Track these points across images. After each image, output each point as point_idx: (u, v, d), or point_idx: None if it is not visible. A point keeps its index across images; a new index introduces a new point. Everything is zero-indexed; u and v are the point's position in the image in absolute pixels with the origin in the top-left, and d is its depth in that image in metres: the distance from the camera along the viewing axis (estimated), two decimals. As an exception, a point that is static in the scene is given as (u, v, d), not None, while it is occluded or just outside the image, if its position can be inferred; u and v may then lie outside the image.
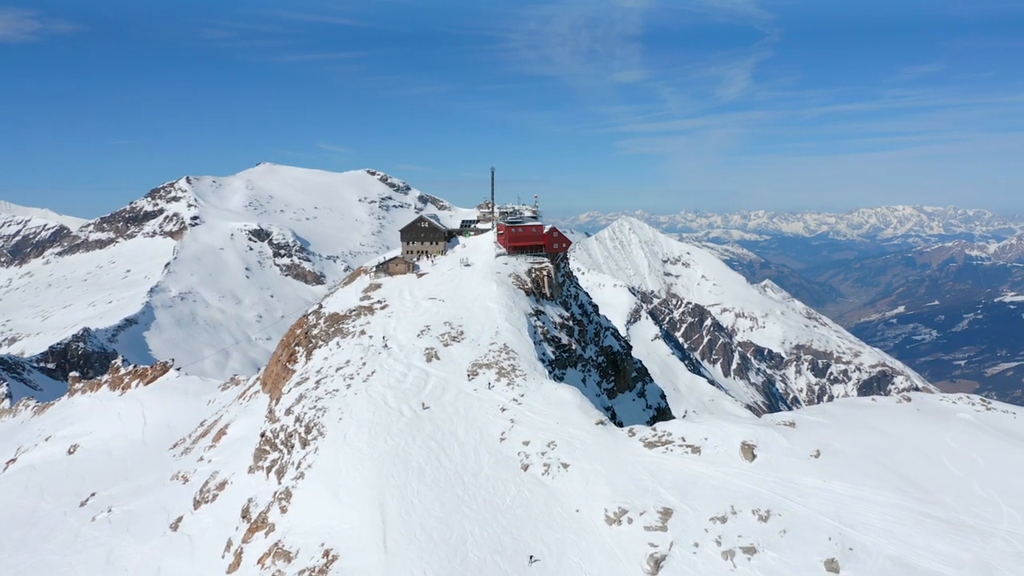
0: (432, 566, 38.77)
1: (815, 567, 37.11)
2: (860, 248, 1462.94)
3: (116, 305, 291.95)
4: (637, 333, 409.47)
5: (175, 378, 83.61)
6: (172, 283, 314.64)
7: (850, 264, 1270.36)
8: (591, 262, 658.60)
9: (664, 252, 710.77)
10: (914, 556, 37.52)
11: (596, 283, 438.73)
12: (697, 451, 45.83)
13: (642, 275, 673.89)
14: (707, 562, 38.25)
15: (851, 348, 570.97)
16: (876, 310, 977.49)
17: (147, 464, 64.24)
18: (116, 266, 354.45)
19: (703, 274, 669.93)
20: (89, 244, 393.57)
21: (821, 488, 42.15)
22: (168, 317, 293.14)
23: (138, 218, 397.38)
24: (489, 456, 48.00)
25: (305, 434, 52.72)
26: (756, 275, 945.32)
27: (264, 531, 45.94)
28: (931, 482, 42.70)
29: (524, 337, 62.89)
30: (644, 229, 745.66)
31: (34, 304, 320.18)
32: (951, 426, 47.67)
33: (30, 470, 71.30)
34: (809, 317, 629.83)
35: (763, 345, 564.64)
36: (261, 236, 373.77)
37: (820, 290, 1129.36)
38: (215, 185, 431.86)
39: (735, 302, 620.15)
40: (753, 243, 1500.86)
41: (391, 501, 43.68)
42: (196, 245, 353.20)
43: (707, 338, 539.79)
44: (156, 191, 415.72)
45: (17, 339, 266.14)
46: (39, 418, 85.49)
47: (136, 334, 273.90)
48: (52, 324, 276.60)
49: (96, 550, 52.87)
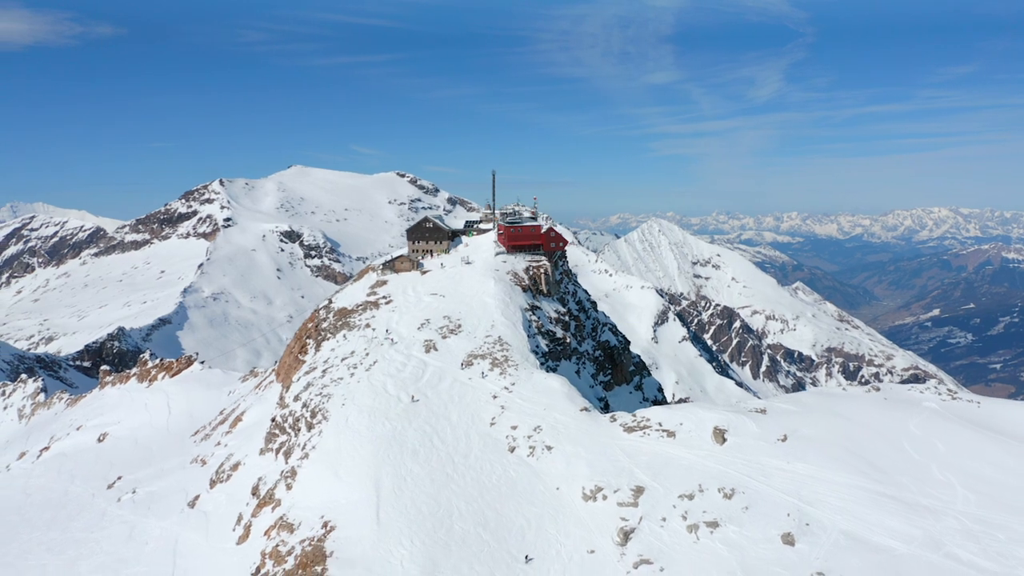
0: (419, 535, 42.50)
1: (772, 540, 40.04)
2: (895, 250, 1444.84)
3: (150, 305, 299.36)
4: (664, 335, 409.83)
5: (198, 371, 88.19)
6: (205, 284, 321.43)
7: (884, 267, 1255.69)
8: (620, 264, 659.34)
9: (694, 254, 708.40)
10: (867, 532, 40.32)
11: (624, 284, 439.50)
12: (672, 435, 48.98)
13: (671, 277, 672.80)
14: (672, 535, 41.37)
15: (883, 351, 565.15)
16: (910, 313, 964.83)
17: (170, 450, 68.58)
18: (151, 267, 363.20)
19: (733, 276, 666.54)
20: (125, 245, 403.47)
21: (785, 469, 45.08)
22: (201, 317, 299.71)
23: (172, 220, 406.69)
24: (479, 439, 51.64)
25: (311, 418, 56.82)
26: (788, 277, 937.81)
27: (271, 506, 49.92)
28: (891, 465, 45.45)
29: (518, 330, 66.55)
30: (674, 231, 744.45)
31: (71, 304, 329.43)
32: (916, 414, 50.34)
33: (62, 457, 75.90)
34: (841, 320, 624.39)
35: (793, 348, 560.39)
36: (292, 237, 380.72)
37: (854, 293, 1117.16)
38: (248, 187, 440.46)
39: (765, 304, 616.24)
40: (786, 245, 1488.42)
41: (386, 479, 47.50)
42: (229, 246, 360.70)
43: (736, 340, 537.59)
44: (190, 193, 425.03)
45: (54, 338, 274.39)
46: (71, 410, 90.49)
47: (170, 333, 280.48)
48: (88, 324, 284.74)
49: (120, 527, 57.27)
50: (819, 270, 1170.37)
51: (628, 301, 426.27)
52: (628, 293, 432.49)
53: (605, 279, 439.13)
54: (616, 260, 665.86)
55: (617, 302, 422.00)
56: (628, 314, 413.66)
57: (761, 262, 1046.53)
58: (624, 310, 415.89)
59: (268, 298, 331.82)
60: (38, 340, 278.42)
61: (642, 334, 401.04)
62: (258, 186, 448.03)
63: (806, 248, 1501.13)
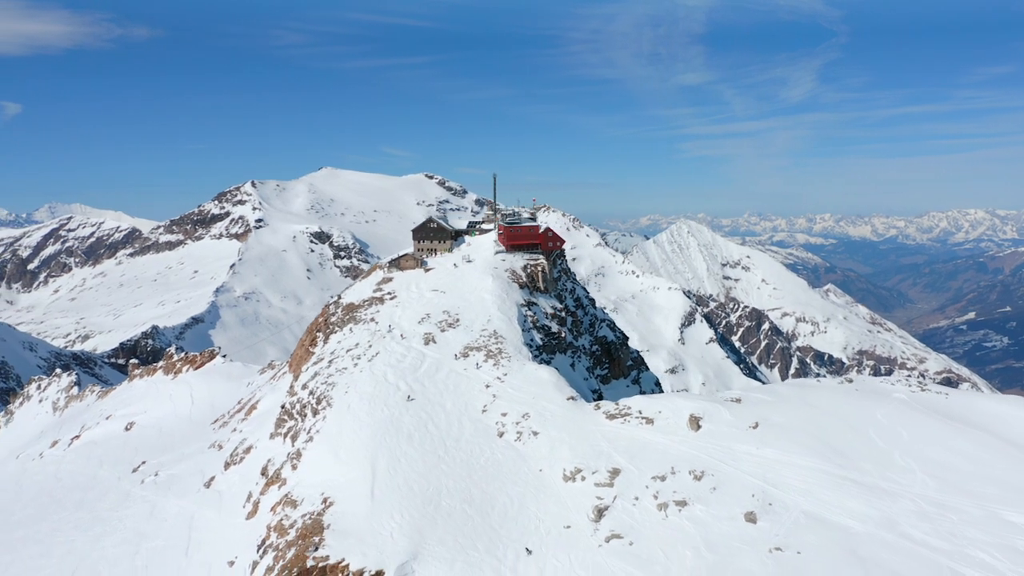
0: (409, 510, 46.16)
1: (736, 518, 42.99)
2: (930, 252, 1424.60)
3: (183, 304, 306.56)
4: (691, 336, 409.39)
5: (220, 364, 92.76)
6: (237, 283, 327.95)
7: (919, 269, 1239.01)
8: (649, 265, 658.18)
9: (723, 256, 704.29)
10: (826, 512, 43.13)
11: (651, 286, 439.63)
12: (651, 422, 52.10)
13: (700, 278, 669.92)
14: (643, 512, 44.48)
15: (916, 354, 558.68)
16: (945, 316, 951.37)
17: (191, 436, 72.97)
18: (184, 267, 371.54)
19: (763, 278, 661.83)
20: (159, 246, 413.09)
21: (754, 454, 47.97)
22: (232, 316, 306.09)
23: (206, 221, 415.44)
24: (471, 424, 55.25)
25: (316, 405, 60.78)
26: (821, 279, 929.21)
27: (277, 485, 53.94)
28: (855, 451, 48.16)
29: (513, 324, 70.06)
30: (703, 232, 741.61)
31: (106, 303, 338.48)
32: (884, 404, 52.94)
33: (92, 444, 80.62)
34: (873, 322, 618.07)
35: (823, 350, 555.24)
36: (322, 238, 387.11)
37: (887, 295, 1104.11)
38: (279, 189, 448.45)
39: (796, 306, 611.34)
40: (818, 247, 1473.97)
41: (381, 459, 51.24)
42: (260, 247, 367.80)
43: (765, 342, 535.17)
44: (223, 194, 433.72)
45: (90, 336, 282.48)
46: (102, 401, 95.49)
47: (202, 332, 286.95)
48: (123, 322, 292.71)
49: (142, 506, 61.69)
50: (852, 272, 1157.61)
51: (655, 302, 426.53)
52: (655, 294, 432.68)
53: (632, 280, 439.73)
54: (644, 261, 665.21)
55: (644, 303, 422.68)
56: (655, 315, 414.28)
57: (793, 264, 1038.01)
58: (651, 311, 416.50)
59: (298, 298, 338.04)
60: (75, 338, 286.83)
61: (669, 336, 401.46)
62: (289, 188, 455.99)
63: (839, 250, 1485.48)
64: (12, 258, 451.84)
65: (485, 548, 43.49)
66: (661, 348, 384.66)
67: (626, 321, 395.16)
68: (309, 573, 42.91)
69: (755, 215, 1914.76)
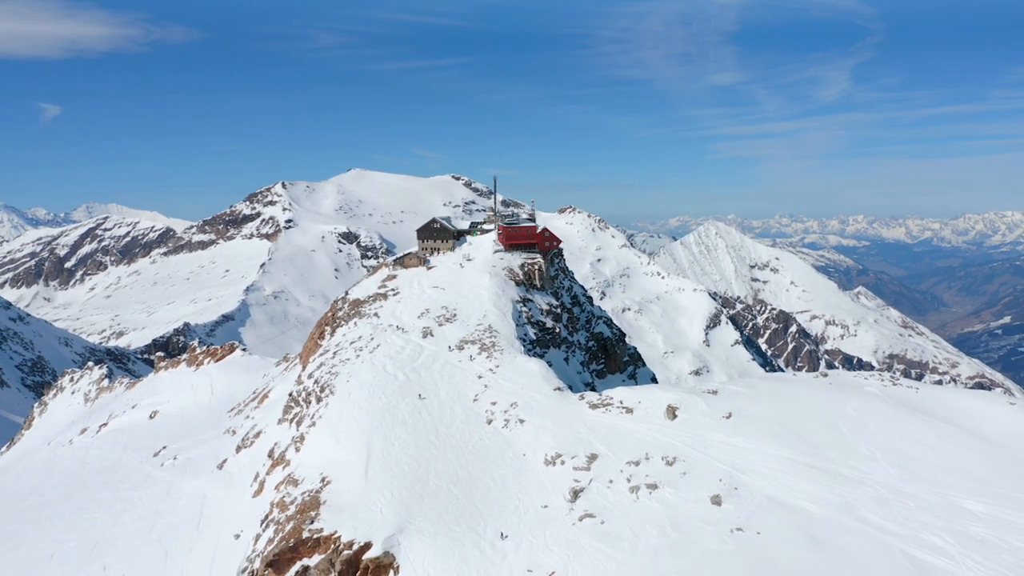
0: (399, 489, 49.81)
1: (702, 500, 45.86)
2: (965, 255, 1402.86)
3: (215, 302, 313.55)
4: (716, 338, 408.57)
5: (239, 356, 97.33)
6: (267, 282, 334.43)
7: (954, 272, 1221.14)
8: (676, 267, 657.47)
9: (751, 257, 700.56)
10: (788, 496, 45.86)
11: (676, 287, 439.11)
12: (630, 411, 55.14)
13: (728, 280, 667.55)
14: (616, 494, 47.53)
15: (948, 359, 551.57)
16: (980, 320, 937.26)
17: (209, 423, 77.30)
18: (216, 266, 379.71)
19: (792, 280, 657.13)
20: (192, 245, 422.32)
21: (725, 442, 50.77)
22: (262, 314, 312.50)
23: (237, 221, 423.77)
24: (462, 412, 58.79)
25: (320, 393, 64.71)
26: (853, 282, 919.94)
27: (282, 466, 57.93)
28: (822, 440, 50.75)
29: (507, 320, 73.53)
30: (731, 234, 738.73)
31: (141, 300, 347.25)
32: (855, 397, 55.41)
33: (118, 432, 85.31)
34: (904, 326, 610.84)
35: (853, 354, 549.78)
36: (350, 239, 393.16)
37: (921, 299, 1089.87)
38: (308, 190, 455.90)
39: (825, 309, 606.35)
40: (851, 249, 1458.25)
41: (376, 443, 54.98)
42: (289, 247, 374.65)
43: (792, 345, 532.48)
44: (254, 195, 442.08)
45: (124, 332, 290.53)
46: (129, 392, 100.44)
47: (232, 330, 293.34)
48: (156, 319, 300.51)
49: (160, 486, 66.13)
50: (885, 275, 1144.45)
51: (680, 304, 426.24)
52: (680, 296, 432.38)
53: (657, 281, 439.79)
54: (672, 263, 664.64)
55: (668, 304, 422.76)
56: (679, 317, 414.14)
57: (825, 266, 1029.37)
58: (675, 313, 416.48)
59: (326, 297, 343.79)
60: (109, 334, 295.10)
61: (693, 337, 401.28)
62: (318, 189, 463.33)
63: (872, 252, 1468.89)
64: (50, 256, 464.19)
65: (467, 524, 46.92)
66: (685, 350, 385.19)
67: (651, 322, 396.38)
68: (304, 543, 46.84)
69: (786, 216, 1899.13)
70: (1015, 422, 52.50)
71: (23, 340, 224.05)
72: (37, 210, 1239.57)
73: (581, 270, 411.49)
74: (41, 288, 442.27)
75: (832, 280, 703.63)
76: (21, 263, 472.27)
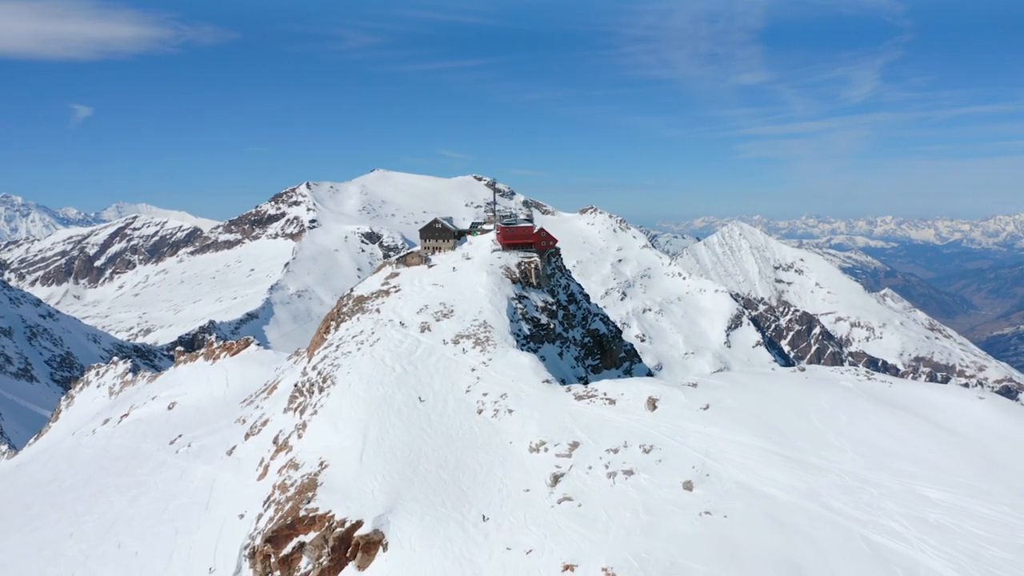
0: (390, 472, 53.19)
1: (675, 486, 48.54)
2: (996, 257, 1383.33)
3: (240, 301, 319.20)
4: (738, 339, 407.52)
5: (254, 351, 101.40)
6: (291, 281, 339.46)
7: (984, 274, 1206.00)
8: (699, 268, 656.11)
9: (776, 258, 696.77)
10: (756, 483, 48.41)
11: (697, 288, 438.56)
12: (613, 403, 58.00)
13: (752, 281, 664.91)
14: (594, 479, 50.38)
15: (975, 362, 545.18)
16: (1010, 323, 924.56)
17: (223, 414, 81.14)
18: (241, 265, 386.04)
19: (817, 281, 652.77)
20: (218, 244, 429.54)
21: (701, 432, 53.40)
22: (286, 313, 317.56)
23: (262, 221, 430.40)
24: (454, 402, 62.08)
25: (322, 383, 68.29)
26: (880, 284, 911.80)
27: (285, 451, 61.51)
28: (794, 431, 53.21)
29: (502, 316, 76.70)
30: (755, 234, 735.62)
31: (168, 299, 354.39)
32: (829, 390, 57.79)
33: (138, 422, 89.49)
34: (931, 328, 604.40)
35: (878, 356, 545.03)
36: (372, 239, 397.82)
37: (950, 301, 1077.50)
38: (332, 190, 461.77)
39: (850, 311, 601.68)
40: (879, 250, 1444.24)
41: (372, 430, 58.49)
42: (313, 246, 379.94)
43: (815, 347, 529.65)
44: (279, 196, 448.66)
45: (152, 330, 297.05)
46: (150, 384, 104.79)
47: (256, 327, 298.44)
48: (183, 317, 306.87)
49: (173, 471, 70.10)
50: (913, 276, 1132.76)
51: (701, 305, 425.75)
52: (701, 297, 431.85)
53: (678, 282, 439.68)
54: (694, 264, 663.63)
55: (690, 305, 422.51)
56: (700, 318, 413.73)
57: (852, 267, 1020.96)
58: (696, 314, 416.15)
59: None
60: (137, 331, 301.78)
61: (714, 338, 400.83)
62: (342, 189, 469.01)
63: (900, 254, 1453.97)
64: (80, 255, 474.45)
65: (452, 505, 50.10)
66: (706, 350, 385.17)
67: (671, 323, 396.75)
68: (301, 521, 50.42)
69: (813, 217, 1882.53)
70: (982, 415, 54.65)
71: (53, 336, 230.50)
72: (68, 209, 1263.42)
73: (602, 270, 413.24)
74: (71, 286, 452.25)
75: (859, 282, 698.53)
76: (52, 261, 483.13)
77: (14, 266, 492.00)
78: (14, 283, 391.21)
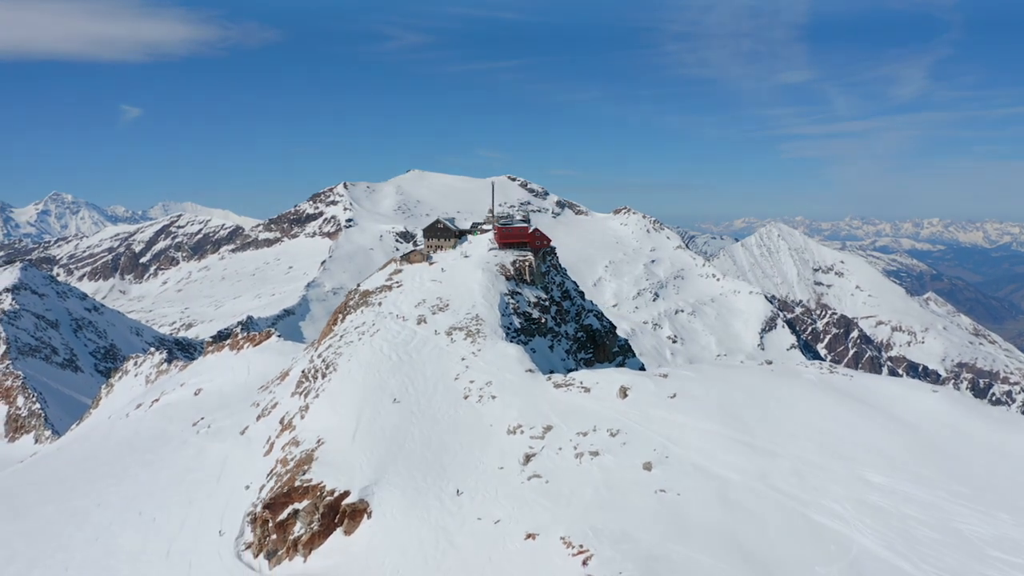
0: (378, 450, 58.65)
1: (636, 466, 52.92)
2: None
3: (277, 298, 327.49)
4: (772, 342, 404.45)
5: (275, 342, 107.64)
6: (327, 279, 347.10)
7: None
8: (736, 269, 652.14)
9: (815, 260, 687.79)
10: (711, 464, 52.60)
11: (731, 290, 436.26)
12: (588, 391, 62.58)
13: (790, 283, 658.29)
14: (563, 459, 55.00)
15: (1020, 368, 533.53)
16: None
17: (242, 399, 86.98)
18: (280, 263, 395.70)
19: (857, 284, 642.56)
20: (258, 243, 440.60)
21: (666, 418, 57.70)
22: (321, 309, 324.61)
23: (300, 220, 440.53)
24: (444, 388, 67.23)
25: (325, 370, 73.92)
26: (926, 287, 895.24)
27: (289, 431, 67.15)
28: (753, 419, 57.25)
29: (494, 310, 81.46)
30: (794, 236, 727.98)
31: (209, 295, 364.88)
32: (791, 382, 61.66)
33: (166, 406, 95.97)
34: (976, 334, 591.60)
35: (919, 361, 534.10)
36: (407, 238, 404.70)
37: (998, 306, 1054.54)
38: (368, 190, 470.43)
39: (892, 315, 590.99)
40: (925, 253, 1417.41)
41: (366, 412, 64.02)
42: (349, 245, 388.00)
43: (853, 351, 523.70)
44: (317, 195, 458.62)
45: (193, 325, 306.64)
46: (181, 373, 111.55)
47: (293, 323, 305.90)
48: (223, 312, 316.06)
49: (192, 449, 76.21)
50: (960, 280, 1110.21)
51: (735, 307, 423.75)
52: (735, 298, 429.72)
53: (712, 284, 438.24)
54: (731, 265, 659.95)
55: (723, 307, 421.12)
56: (734, 320, 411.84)
57: (896, 270, 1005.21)
58: (730, 316, 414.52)
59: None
60: (179, 326, 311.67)
61: (748, 340, 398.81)
62: (378, 189, 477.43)
63: (947, 257, 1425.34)
64: (126, 252, 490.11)
65: (432, 480, 55.23)
66: (739, 353, 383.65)
67: (704, 324, 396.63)
68: (296, 491, 56.26)
69: (857, 219, 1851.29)
70: (933, 407, 58.21)
71: (97, 329, 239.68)
72: (116, 207, 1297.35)
73: (634, 271, 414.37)
74: (117, 281, 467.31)
75: (902, 285, 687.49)
76: (100, 257, 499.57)
77: (63, 262, 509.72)
78: (62, 278, 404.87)
